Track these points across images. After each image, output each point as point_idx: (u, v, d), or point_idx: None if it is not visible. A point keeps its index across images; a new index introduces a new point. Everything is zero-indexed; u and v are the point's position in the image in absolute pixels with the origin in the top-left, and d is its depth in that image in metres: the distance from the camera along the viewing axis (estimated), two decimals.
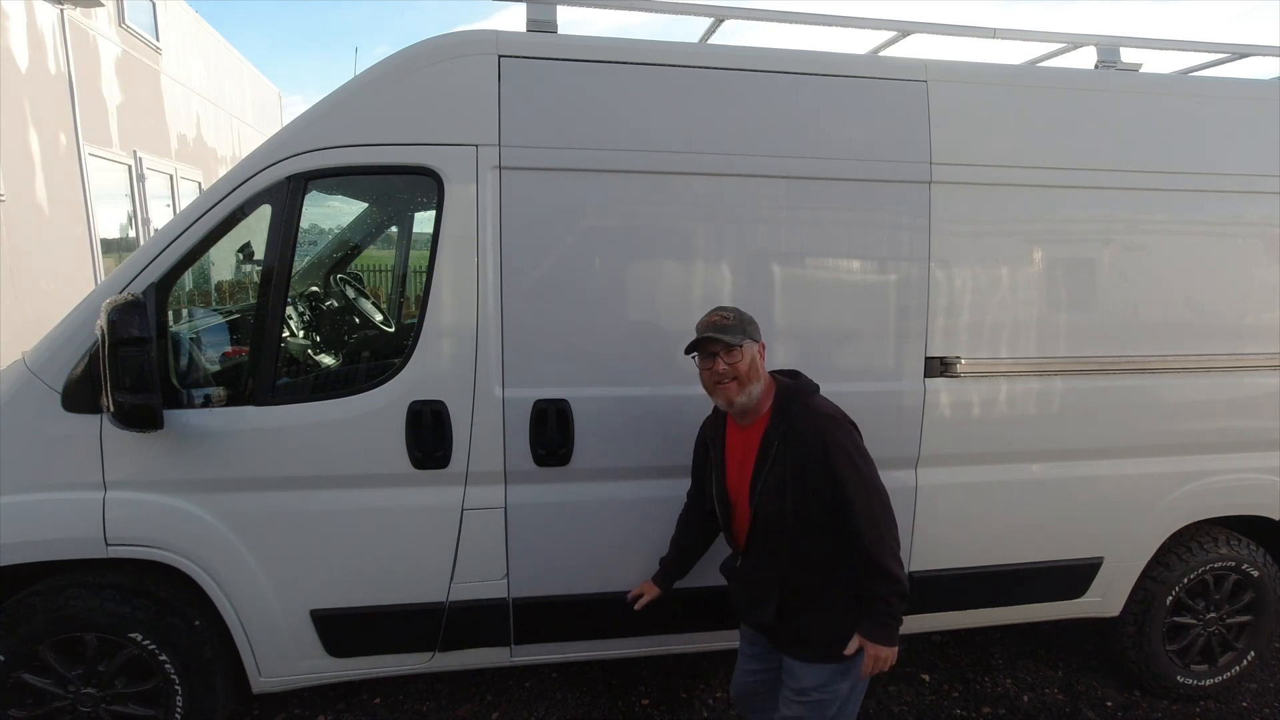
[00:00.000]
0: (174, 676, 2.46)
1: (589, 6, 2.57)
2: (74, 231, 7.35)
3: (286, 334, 3.01)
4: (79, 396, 2.30)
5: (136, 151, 8.66)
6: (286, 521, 2.44)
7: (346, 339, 3.78)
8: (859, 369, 2.66)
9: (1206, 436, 2.95)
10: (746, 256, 2.59)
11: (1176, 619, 3.16)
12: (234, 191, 2.36)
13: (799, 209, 2.61)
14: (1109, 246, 2.79)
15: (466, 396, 2.44)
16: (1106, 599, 3.07)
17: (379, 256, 9.15)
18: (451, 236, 2.40)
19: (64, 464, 2.32)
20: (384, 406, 2.41)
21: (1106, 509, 2.92)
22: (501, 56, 2.38)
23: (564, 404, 2.49)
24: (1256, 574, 3.13)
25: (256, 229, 2.47)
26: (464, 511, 2.51)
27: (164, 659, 2.44)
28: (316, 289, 3.90)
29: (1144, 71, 2.93)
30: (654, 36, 33.33)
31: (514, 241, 2.42)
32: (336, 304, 3.91)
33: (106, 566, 2.44)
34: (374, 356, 3.61)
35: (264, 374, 2.38)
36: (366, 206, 3.80)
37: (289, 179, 2.35)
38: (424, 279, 2.43)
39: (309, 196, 2.39)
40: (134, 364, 2.09)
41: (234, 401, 2.41)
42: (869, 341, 2.67)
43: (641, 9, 2.66)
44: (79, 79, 7.38)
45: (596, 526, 2.61)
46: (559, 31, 2.54)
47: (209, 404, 2.41)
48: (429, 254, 2.41)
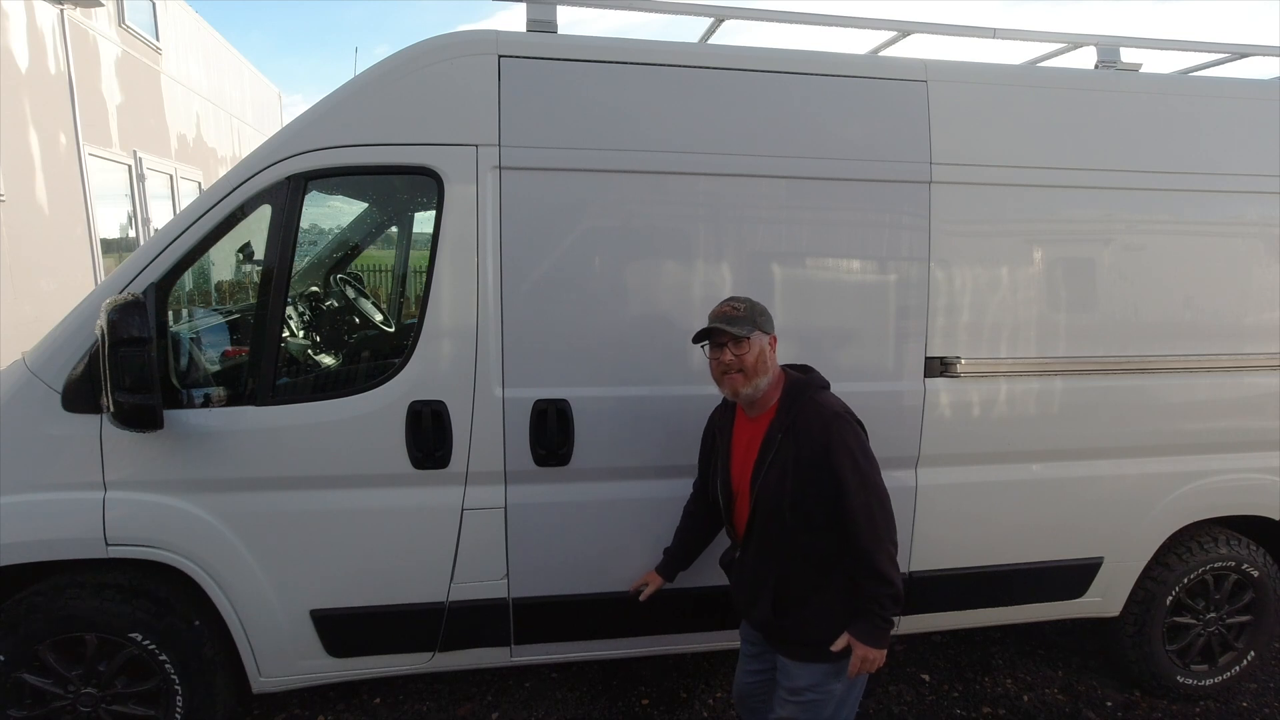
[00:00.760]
0: (174, 676, 2.46)
1: (589, 6, 2.57)
2: (74, 231, 7.35)
3: (286, 334, 3.01)
4: (79, 396, 2.30)
5: (136, 151, 8.66)
6: (286, 521, 2.44)
7: (346, 339, 3.78)
8: (859, 369, 2.66)
9: (1206, 436, 2.95)
10: (746, 256, 2.59)
11: (1176, 619, 3.16)
12: (234, 191, 2.36)
13: (799, 209, 2.61)
14: (1109, 246, 2.79)
15: (466, 396, 2.44)
16: (1106, 599, 3.07)
17: (379, 256, 9.15)
18: (451, 236, 2.40)
19: (64, 464, 2.32)
20: (384, 406, 2.41)
21: (1106, 509, 2.92)
22: (501, 56, 2.38)
23: (564, 404, 2.49)
24: (1256, 574, 3.13)
25: (256, 229, 2.47)
26: (464, 511, 2.51)
27: (164, 659, 2.44)
28: (316, 289, 3.90)
29: (1144, 71, 2.93)
30: (654, 36, 33.31)
31: (514, 241, 2.42)
32: (336, 304, 3.91)
33: (106, 566, 2.44)
34: (374, 356, 3.61)
35: (264, 374, 2.38)
36: (366, 206, 3.81)
37: (289, 179, 2.35)
38: (424, 279, 2.43)
39: (309, 196, 2.39)
40: (134, 364, 2.09)
41: (234, 401, 2.41)
42: (869, 341, 2.67)
43: (641, 9, 2.66)
44: (79, 79, 7.38)
45: (596, 526, 2.61)
46: (559, 31, 2.54)
47: (209, 404, 2.41)
48: (429, 254, 2.41)
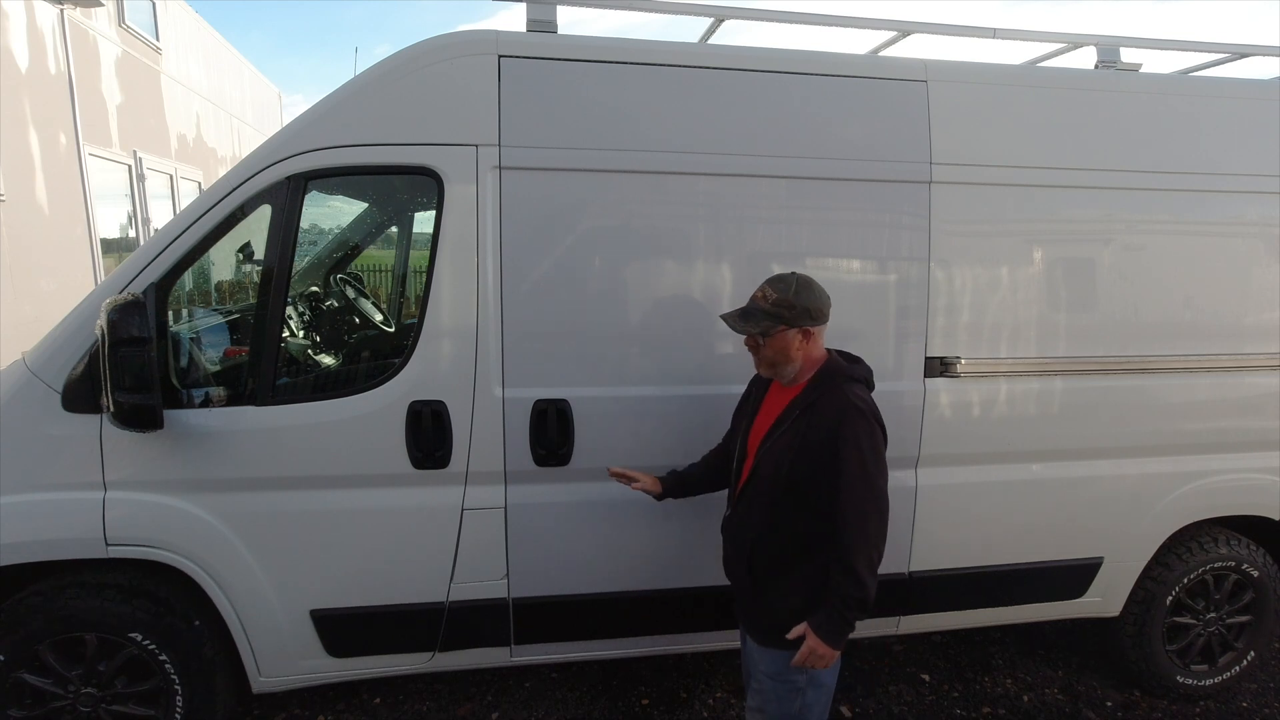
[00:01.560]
0: (174, 676, 2.46)
1: (589, 6, 2.57)
2: (74, 231, 7.35)
3: (286, 334, 3.01)
4: (79, 396, 2.30)
5: (136, 151, 8.66)
6: (286, 521, 2.44)
7: (346, 339, 3.78)
8: None
9: (1206, 436, 2.95)
10: (746, 256, 2.59)
11: (1176, 619, 3.16)
12: (234, 191, 2.36)
13: (799, 209, 2.61)
14: (1109, 246, 2.79)
15: (466, 396, 2.44)
16: (1106, 599, 3.07)
17: (379, 256, 9.16)
18: (451, 236, 2.40)
19: (64, 464, 2.32)
20: (384, 406, 2.41)
21: (1106, 509, 2.92)
22: (501, 56, 2.38)
23: (564, 404, 2.49)
24: (1256, 574, 3.13)
25: (256, 229, 2.47)
26: (464, 511, 2.51)
27: (164, 659, 2.44)
28: (316, 289, 3.90)
29: (1144, 71, 2.93)
30: (654, 36, 33.32)
31: (514, 241, 2.42)
32: (336, 304, 3.91)
33: (106, 566, 2.44)
34: (374, 356, 3.61)
35: (264, 374, 2.38)
36: (366, 206, 3.81)
37: (289, 179, 2.35)
38: (424, 279, 2.43)
39: (309, 196, 2.39)
40: (134, 364, 2.09)
41: (234, 401, 2.41)
42: (869, 341, 2.66)
43: (641, 9, 2.65)
44: (79, 79, 7.38)
45: (596, 526, 2.61)
46: (559, 31, 2.53)
47: (209, 404, 2.41)
48: (429, 254, 2.41)
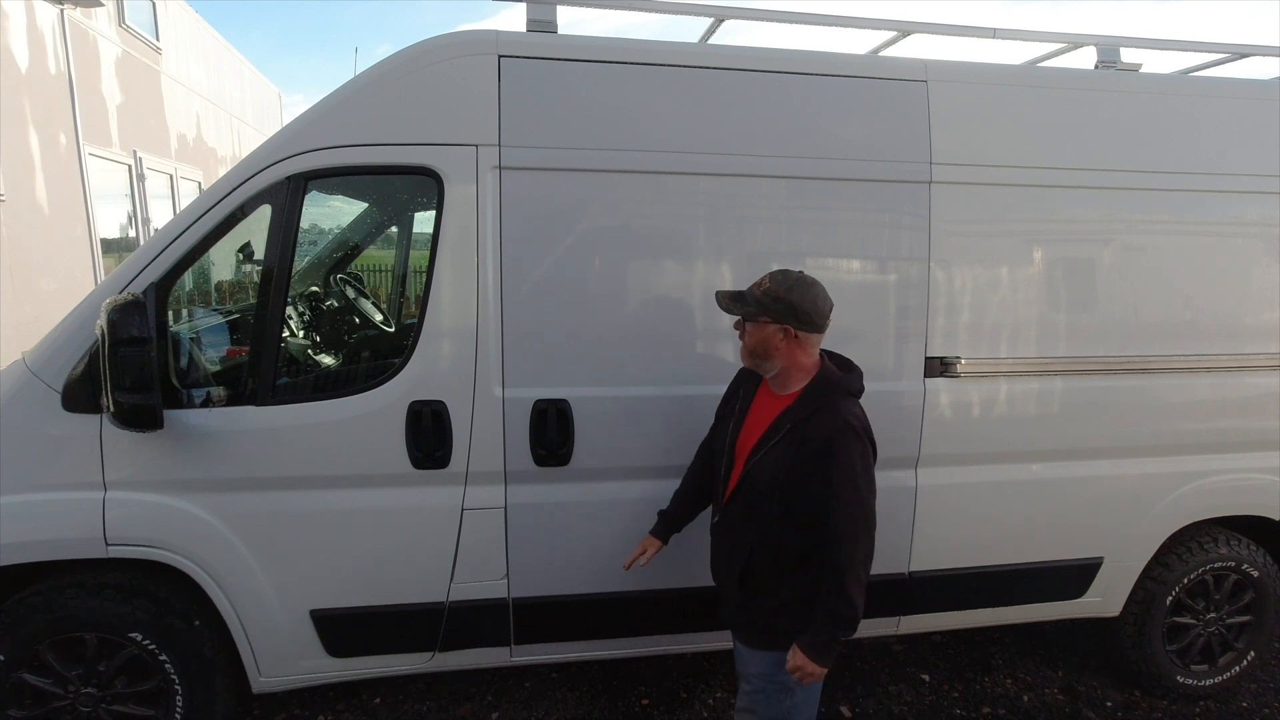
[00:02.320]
0: (174, 676, 2.46)
1: (589, 6, 2.57)
2: (74, 231, 7.35)
3: (286, 334, 3.01)
4: (79, 396, 2.30)
5: (136, 151, 8.66)
6: (286, 521, 2.44)
7: (346, 339, 3.78)
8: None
9: (1206, 436, 2.94)
10: (746, 257, 2.59)
11: (1176, 619, 3.16)
12: (234, 191, 2.36)
13: (799, 209, 2.61)
14: (1109, 246, 2.79)
15: (466, 396, 2.44)
16: (1106, 599, 3.07)
17: (379, 256, 9.15)
18: (451, 236, 2.40)
19: (64, 464, 2.32)
20: (384, 406, 2.41)
21: (1106, 509, 2.92)
22: (501, 56, 2.38)
23: (564, 404, 2.49)
24: (1256, 574, 3.13)
25: (256, 229, 2.47)
26: (464, 511, 2.51)
27: (164, 659, 2.44)
28: (316, 289, 3.90)
29: (1144, 71, 2.93)
30: (654, 36, 33.31)
31: (514, 241, 2.42)
32: (336, 304, 3.91)
33: (106, 566, 2.44)
34: (374, 356, 3.61)
35: (264, 374, 2.38)
36: (366, 206, 3.80)
37: (289, 179, 2.35)
38: (424, 279, 2.43)
39: (309, 196, 2.39)
40: (134, 364, 2.09)
41: (234, 401, 2.41)
42: (869, 341, 2.66)
43: (641, 9, 2.65)
44: (79, 79, 7.38)
45: (596, 526, 2.60)
46: (559, 31, 2.53)
47: (209, 404, 2.41)
48: (429, 254, 2.41)
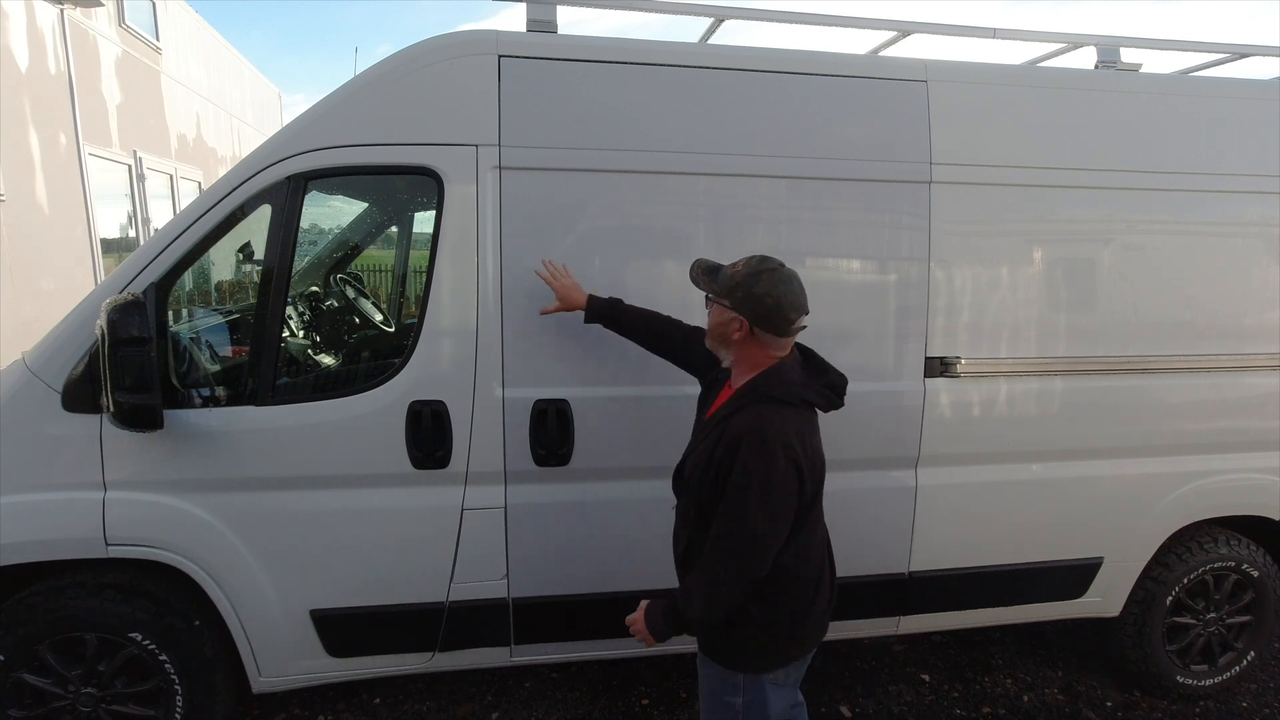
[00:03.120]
0: (174, 676, 2.46)
1: (589, 6, 2.57)
2: (74, 231, 7.35)
3: (286, 334, 3.01)
4: (79, 396, 2.30)
5: (136, 151, 8.66)
6: (286, 521, 2.44)
7: (346, 339, 3.78)
8: (859, 369, 2.64)
9: (1206, 436, 2.94)
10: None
11: (1176, 619, 3.16)
12: (234, 191, 2.36)
13: (799, 209, 2.61)
14: (1109, 246, 2.79)
15: (466, 396, 2.44)
16: (1106, 599, 3.07)
17: (379, 256, 9.16)
18: (451, 236, 2.40)
19: (64, 464, 2.32)
20: (384, 406, 2.41)
21: (1106, 509, 2.92)
22: (501, 56, 2.38)
23: (564, 404, 2.49)
24: (1256, 574, 3.13)
25: (256, 229, 2.47)
26: (464, 511, 2.51)
27: (164, 659, 2.44)
28: (316, 289, 3.90)
29: (1144, 71, 2.93)
30: (654, 36, 33.33)
31: (514, 241, 2.42)
32: (336, 304, 3.91)
33: (106, 566, 2.44)
34: (374, 356, 3.61)
35: (264, 374, 2.38)
36: (366, 206, 3.81)
37: (289, 179, 2.35)
38: (424, 279, 2.43)
39: (309, 196, 2.39)
40: (134, 364, 2.09)
41: (234, 401, 2.41)
42: (869, 341, 2.67)
43: (641, 9, 2.65)
44: (79, 79, 7.38)
45: (596, 526, 2.61)
46: (559, 31, 2.53)
47: (209, 404, 2.41)
48: (429, 254, 2.41)
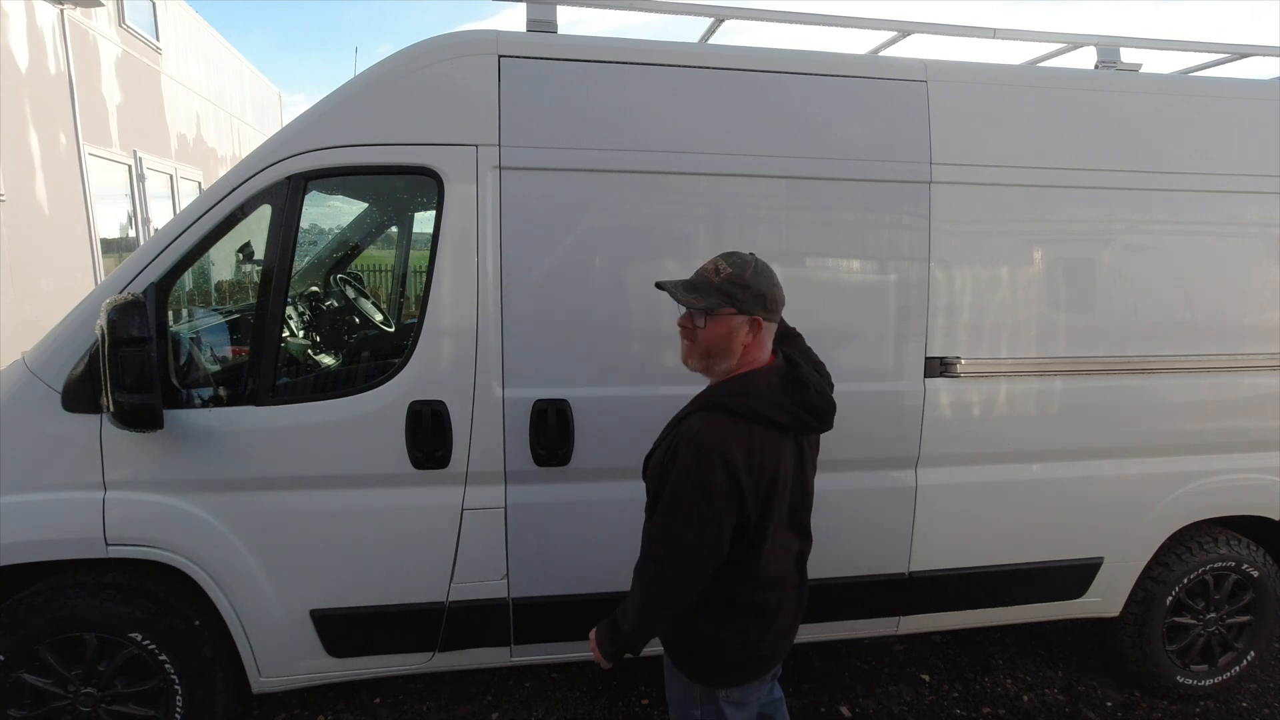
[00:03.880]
0: (174, 676, 2.46)
1: (589, 6, 2.57)
2: (74, 231, 7.35)
3: (286, 334, 3.01)
4: (79, 396, 2.30)
5: (136, 151, 8.66)
6: (286, 521, 2.44)
7: (346, 339, 3.78)
8: (859, 369, 2.65)
9: (1206, 436, 2.94)
10: None
11: (1176, 619, 3.16)
12: (234, 191, 2.36)
13: (799, 209, 2.61)
14: (1109, 246, 2.79)
15: (466, 396, 2.44)
16: (1106, 599, 3.07)
17: (379, 256, 9.16)
18: (451, 236, 2.39)
19: (64, 464, 2.32)
20: (384, 406, 2.41)
21: (1106, 509, 2.92)
22: (501, 56, 2.38)
23: (564, 404, 2.49)
24: (1256, 574, 3.13)
25: (256, 229, 2.47)
26: (464, 511, 2.51)
27: (164, 659, 2.44)
28: (316, 289, 3.90)
29: (1144, 71, 2.93)
30: (654, 36, 33.35)
31: (514, 241, 2.42)
32: (336, 304, 3.91)
33: (106, 566, 2.44)
34: (374, 356, 3.61)
35: (264, 374, 2.38)
36: (366, 206, 3.81)
37: (289, 179, 2.35)
38: (424, 279, 2.43)
39: (309, 196, 2.39)
40: (134, 364, 2.09)
41: (234, 401, 2.41)
42: (869, 341, 2.67)
43: (641, 9, 2.65)
44: (79, 79, 7.38)
45: (596, 526, 2.60)
46: (559, 31, 2.53)
47: (209, 404, 2.41)
48: (429, 254, 2.41)
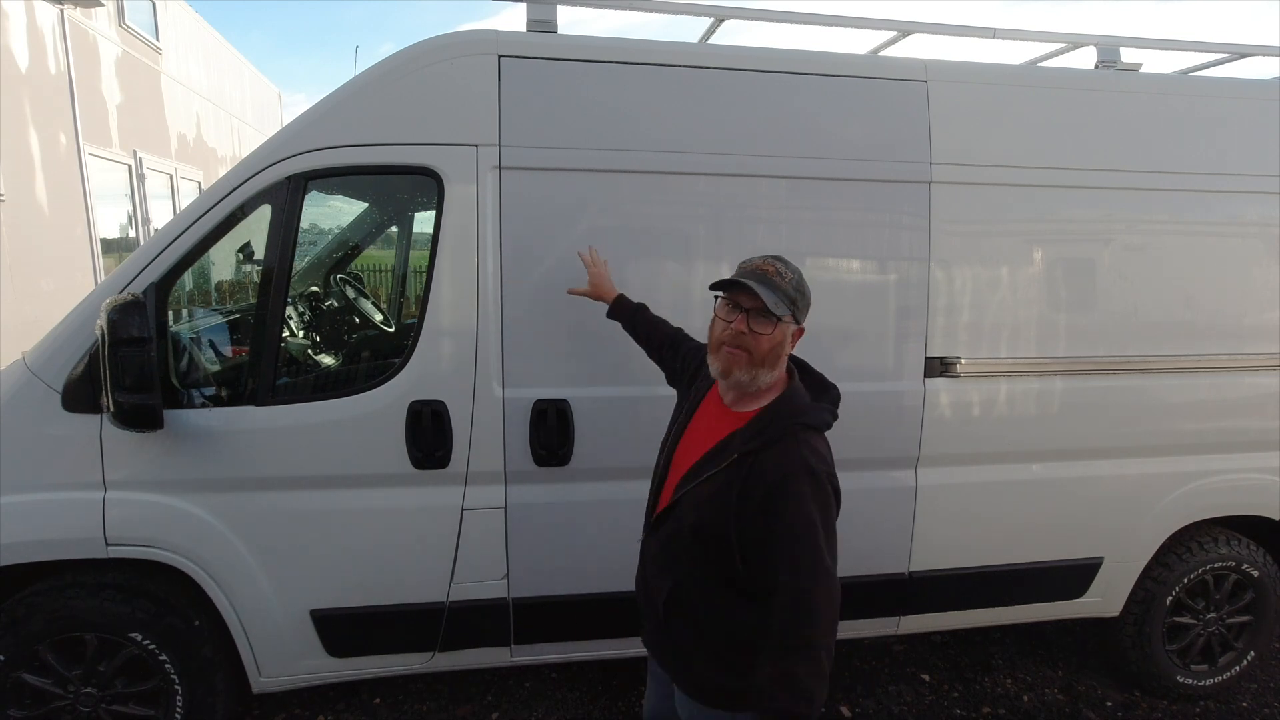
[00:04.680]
0: (174, 676, 2.46)
1: (589, 6, 2.57)
2: (74, 231, 7.35)
3: (286, 334, 3.01)
4: (79, 396, 2.30)
5: (136, 151, 8.66)
6: (286, 521, 2.44)
7: (346, 339, 3.78)
8: (859, 369, 2.66)
9: (1206, 436, 2.95)
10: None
11: (1176, 619, 3.16)
12: (234, 191, 2.36)
13: (799, 209, 2.61)
14: (1109, 246, 2.79)
15: (466, 396, 2.44)
16: (1106, 599, 3.07)
17: (379, 256, 9.15)
18: (451, 236, 2.40)
19: (64, 464, 2.32)
20: (384, 406, 2.41)
21: (1106, 509, 2.92)
22: (501, 56, 2.39)
23: (564, 404, 2.49)
24: (1256, 574, 3.13)
25: (256, 229, 2.47)
26: (464, 511, 2.51)
27: (164, 659, 2.44)
28: (316, 289, 3.90)
29: (1144, 71, 2.93)
30: (654, 36, 33.34)
31: (514, 241, 2.42)
32: (336, 304, 3.91)
33: (106, 566, 2.44)
34: (374, 356, 3.61)
35: (264, 374, 2.38)
36: (366, 206, 3.81)
37: (289, 179, 2.35)
38: (424, 279, 2.43)
39: (309, 196, 2.39)
40: (134, 364, 2.09)
41: (234, 401, 2.41)
42: (869, 341, 2.67)
43: (641, 9, 2.66)
44: (79, 79, 7.38)
45: (596, 526, 2.60)
46: (559, 31, 2.54)
47: (209, 404, 2.41)
48: (429, 254, 2.41)
